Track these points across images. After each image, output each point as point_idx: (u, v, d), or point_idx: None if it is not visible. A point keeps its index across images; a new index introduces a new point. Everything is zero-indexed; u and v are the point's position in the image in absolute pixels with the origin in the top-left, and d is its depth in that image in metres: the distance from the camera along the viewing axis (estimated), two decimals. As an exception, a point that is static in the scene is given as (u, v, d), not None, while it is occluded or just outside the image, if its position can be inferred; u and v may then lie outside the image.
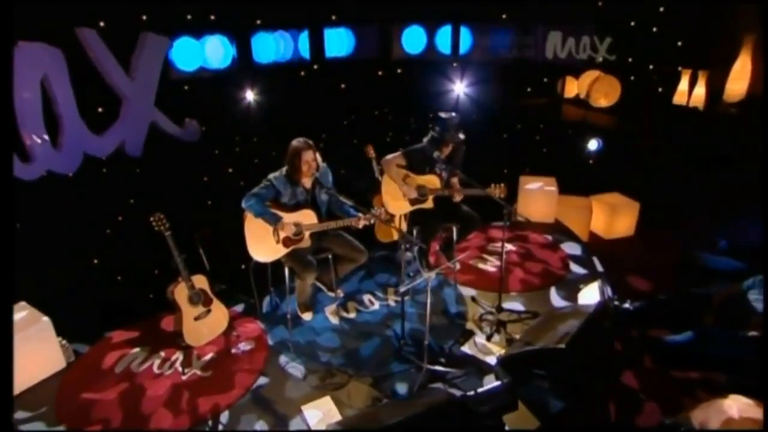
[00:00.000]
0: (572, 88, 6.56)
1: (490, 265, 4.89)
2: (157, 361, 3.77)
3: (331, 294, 4.27)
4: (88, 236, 4.42)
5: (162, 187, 4.55)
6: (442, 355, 3.76)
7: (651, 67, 6.05)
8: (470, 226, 4.35)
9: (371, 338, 3.94)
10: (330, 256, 3.97)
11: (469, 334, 3.99)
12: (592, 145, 5.87)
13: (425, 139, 4.25)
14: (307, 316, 4.14)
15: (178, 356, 3.79)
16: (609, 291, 4.03)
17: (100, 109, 4.42)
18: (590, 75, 6.44)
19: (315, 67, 5.73)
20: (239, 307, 4.32)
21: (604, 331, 3.70)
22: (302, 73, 5.67)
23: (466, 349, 3.85)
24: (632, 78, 6.15)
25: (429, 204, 4.30)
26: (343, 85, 5.96)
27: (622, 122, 6.13)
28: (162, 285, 3.76)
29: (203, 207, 5.06)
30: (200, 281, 3.77)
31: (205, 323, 3.84)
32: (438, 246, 4.77)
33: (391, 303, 4.34)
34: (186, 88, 4.90)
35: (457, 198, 4.12)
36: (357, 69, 5.92)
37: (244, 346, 3.86)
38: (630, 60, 6.10)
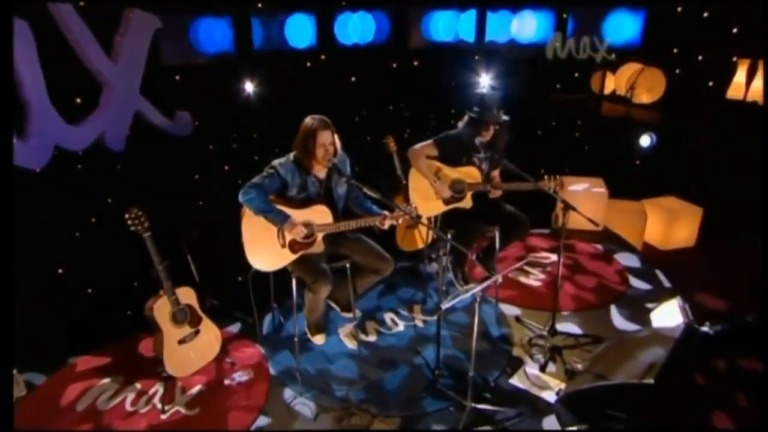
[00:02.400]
0: (606, 83, 6.20)
1: (534, 279, 4.35)
2: (131, 396, 3.20)
3: (347, 315, 3.71)
4: (52, 240, 3.80)
5: (146, 185, 4.09)
6: (486, 389, 3.19)
7: (700, 57, 5.58)
8: (517, 230, 3.81)
9: (397, 367, 3.39)
10: (347, 266, 3.40)
11: (517, 363, 3.42)
12: (644, 140, 5.33)
13: (460, 124, 3.74)
14: (318, 340, 3.58)
15: (158, 389, 3.22)
16: (690, 311, 3.36)
17: (77, 100, 3.95)
18: (629, 69, 6.05)
19: (323, 56, 5.32)
20: (234, 327, 3.84)
21: (692, 361, 3.05)
22: (308, 63, 5.27)
23: (516, 381, 3.26)
24: (678, 71, 5.74)
25: (467, 203, 3.77)
26: (353, 78, 5.53)
27: (670, 119, 5.67)
28: (142, 299, 3.25)
29: (193, 208, 4.57)
30: (187, 295, 3.22)
31: (191, 347, 3.28)
32: (474, 254, 4.13)
33: (419, 323, 3.80)
34: (177, 77, 4.48)
35: (496, 194, 3.64)
36: (370, 59, 5.56)
37: (241, 376, 3.33)
38: (675, 51, 5.70)
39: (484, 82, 5.63)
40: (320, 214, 3.21)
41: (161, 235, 3.17)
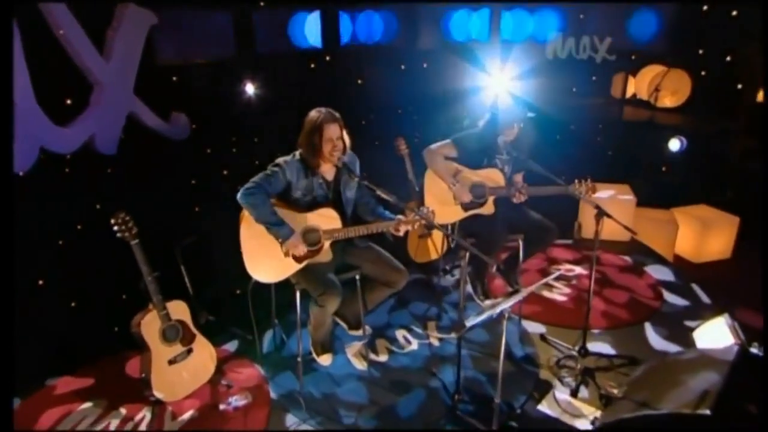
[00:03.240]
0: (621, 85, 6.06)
1: (558, 293, 4.09)
2: (115, 422, 2.93)
3: (355, 332, 3.48)
4: (33, 249, 3.59)
5: (139, 191, 3.98)
6: (513, 416, 2.93)
7: (729, 58, 5.38)
8: (543, 239, 3.60)
9: (411, 390, 3.14)
10: (357, 277, 3.16)
11: (545, 387, 3.15)
12: (674, 144, 5.11)
13: (481, 122, 3.57)
14: (324, 360, 3.33)
15: (145, 415, 2.97)
16: (741, 331, 3.08)
17: (67, 100, 3.83)
18: (651, 71, 5.89)
19: (327, 57, 5.22)
20: (231, 346, 3.61)
21: (749, 389, 2.75)
22: (312, 65, 5.16)
23: (546, 408, 2.99)
24: (704, 72, 5.58)
25: (488, 208, 3.56)
26: (360, 80, 5.44)
27: (697, 123, 5.48)
28: (131, 314, 3.08)
29: (189, 214, 4.45)
30: (179, 309, 3.02)
31: (183, 368, 3.06)
32: (494, 265, 3.88)
33: (434, 342, 3.56)
34: (174, 78, 4.38)
35: (520, 199, 3.44)
36: (377, 59, 5.48)
37: (238, 400, 3.07)
38: (701, 52, 5.52)
39: (499, 83, 5.55)
40: (328, 219, 2.97)
41: (153, 244, 3.03)
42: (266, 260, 2.96)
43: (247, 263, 2.95)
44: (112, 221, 2.81)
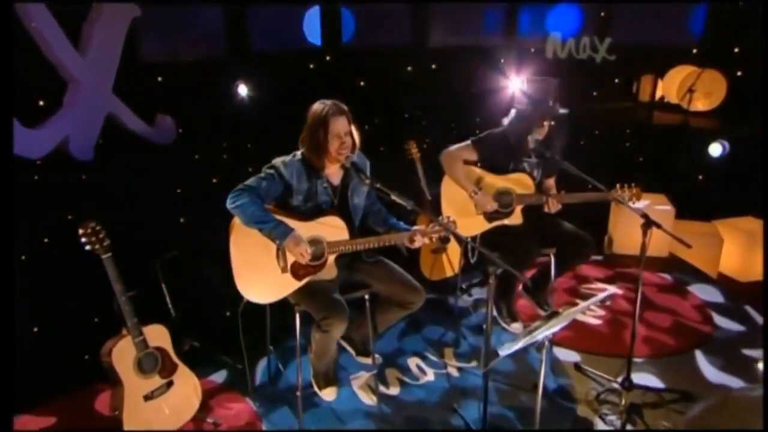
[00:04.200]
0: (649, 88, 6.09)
1: (591, 316, 3.91)
2: None
3: (363, 360, 3.31)
4: None
5: (117, 200, 3.92)
6: None
7: None
8: (578, 253, 3.44)
9: (429, 429, 2.95)
10: (366, 297, 2.98)
11: (585, 425, 2.93)
12: (715, 149, 4.98)
13: (506, 120, 3.45)
14: (327, 394, 3.12)
15: None
16: None
17: (39, 101, 3.80)
18: (680, 72, 5.78)
19: (328, 57, 5.16)
20: (219, 377, 3.47)
21: None
22: (311, 65, 5.09)
23: None
24: (739, 73, 5.51)
25: (516, 219, 3.40)
26: (363, 82, 5.37)
27: (734, 127, 5.37)
28: (102, 340, 2.93)
29: (172, 226, 4.37)
30: (158, 335, 2.84)
31: (163, 404, 2.86)
32: (522, 284, 3.85)
33: (453, 372, 3.38)
34: (160, 79, 4.34)
35: (554, 208, 3.30)
36: (382, 60, 5.37)
37: None
38: (737, 50, 5.49)
39: (515, 85, 5.31)
40: (333, 229, 2.77)
41: (130, 258, 2.91)
42: (260, 277, 2.78)
43: (238, 280, 2.78)
44: (80, 231, 2.67)
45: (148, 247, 3.60)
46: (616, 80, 5.94)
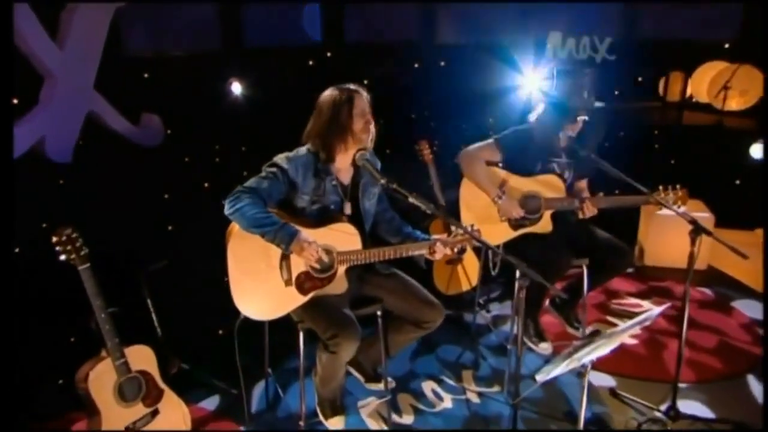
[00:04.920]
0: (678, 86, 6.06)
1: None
2: None
3: (375, 386, 3.18)
4: None
5: (98, 207, 3.87)
6: None
7: None
8: (615, 264, 3.33)
9: None
10: (379, 314, 2.86)
11: None
12: (756, 151, 4.90)
13: (533, 116, 3.36)
14: (334, 424, 2.98)
15: None
16: None
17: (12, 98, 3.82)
18: (711, 69, 5.73)
19: (329, 54, 5.21)
20: (211, 403, 3.35)
21: None
22: (311, 62, 5.15)
23: None
24: None
25: (544, 226, 3.29)
26: (366, 81, 5.48)
27: None
28: (79, 362, 2.82)
29: (160, 234, 4.36)
30: (142, 356, 2.74)
31: None
32: (548, 298, 3.76)
33: (472, 398, 3.25)
34: (146, 75, 4.40)
35: (589, 213, 3.20)
36: (387, 56, 5.40)
37: None
38: None
39: (531, 84, 5.54)
40: (344, 237, 2.63)
41: (112, 270, 2.94)
42: (260, 290, 2.65)
43: (235, 294, 2.64)
44: (54, 239, 2.56)
45: (131, 257, 3.59)
46: (639, 78, 5.92)
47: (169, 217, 4.43)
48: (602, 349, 2.03)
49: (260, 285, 2.63)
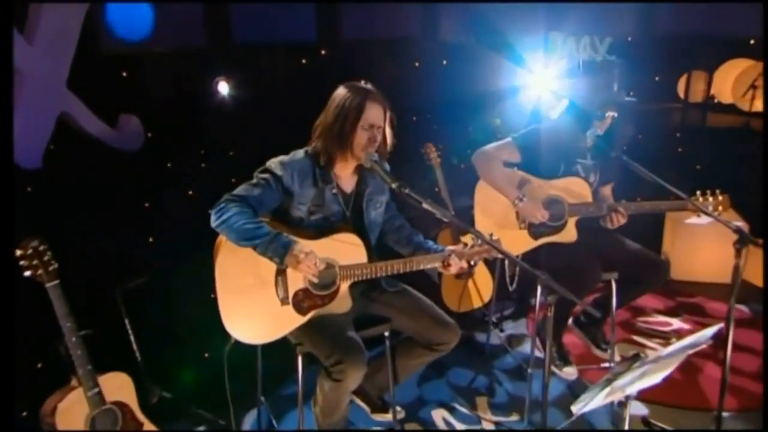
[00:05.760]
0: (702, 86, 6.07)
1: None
2: None
3: (382, 417, 3.08)
4: None
5: (69, 216, 3.85)
6: None
7: None
8: (648, 279, 3.23)
9: None
10: (386, 335, 2.77)
11: None
12: None
13: (554, 113, 3.53)
14: None
15: None
16: None
17: None
18: (734, 68, 5.73)
19: (323, 51, 5.25)
20: None
21: None
22: (304, 61, 5.18)
23: None
24: None
25: (569, 235, 3.21)
26: (363, 81, 5.61)
27: None
28: (48, 392, 2.75)
29: (139, 247, 4.31)
30: (118, 385, 2.66)
31: None
32: (572, 317, 3.67)
33: (488, 427, 3.20)
34: (125, 73, 4.41)
35: (618, 222, 3.15)
36: (386, 54, 5.48)
37: None
38: None
39: (540, 82, 5.54)
40: (347, 249, 2.55)
41: (84, 287, 2.89)
42: (253, 311, 2.56)
43: (225, 315, 2.54)
44: (18, 252, 2.48)
45: (107, 272, 3.52)
46: (657, 78, 5.91)
47: (150, 228, 4.38)
48: (651, 377, 1.89)
49: (253, 304, 2.55)
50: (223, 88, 4.69)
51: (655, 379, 1.94)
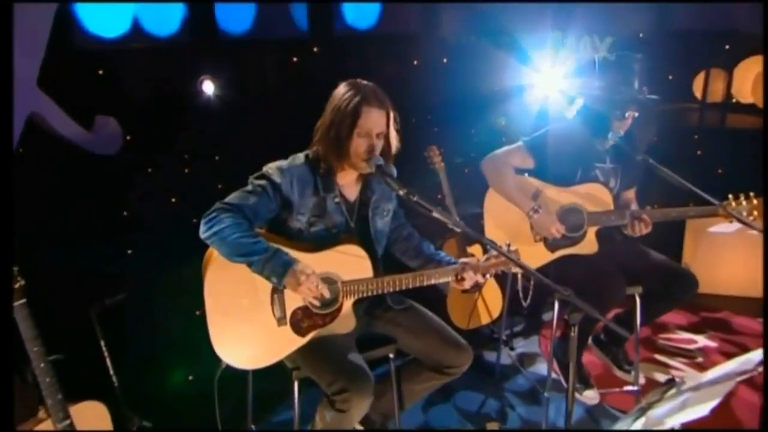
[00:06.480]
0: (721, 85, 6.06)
1: (679, 377, 3.48)
2: None
3: None
4: None
5: (38, 227, 3.77)
6: None
7: None
8: (677, 293, 3.15)
9: None
10: (391, 357, 2.68)
11: None
12: None
13: (570, 112, 3.34)
14: None
15: None
16: None
17: None
18: (754, 65, 5.69)
19: (315, 48, 5.17)
20: None
21: None
22: (295, 59, 5.11)
23: None
24: None
25: (589, 246, 3.15)
26: (359, 79, 5.63)
27: None
28: (11, 425, 2.57)
29: (117, 260, 4.18)
30: (92, 416, 2.55)
31: None
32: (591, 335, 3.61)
33: None
34: (101, 71, 4.28)
35: (641, 231, 3.08)
36: (382, 52, 5.49)
37: None
38: None
39: (547, 83, 5.54)
40: (351, 262, 2.47)
41: (55, 306, 2.81)
42: (247, 332, 2.46)
43: (215, 337, 2.44)
44: None
45: (81, 289, 3.43)
46: (670, 77, 5.91)
47: (129, 239, 4.26)
48: (694, 407, 1.77)
49: (246, 325, 2.45)
50: (208, 87, 4.60)
51: (701, 410, 1.82)
